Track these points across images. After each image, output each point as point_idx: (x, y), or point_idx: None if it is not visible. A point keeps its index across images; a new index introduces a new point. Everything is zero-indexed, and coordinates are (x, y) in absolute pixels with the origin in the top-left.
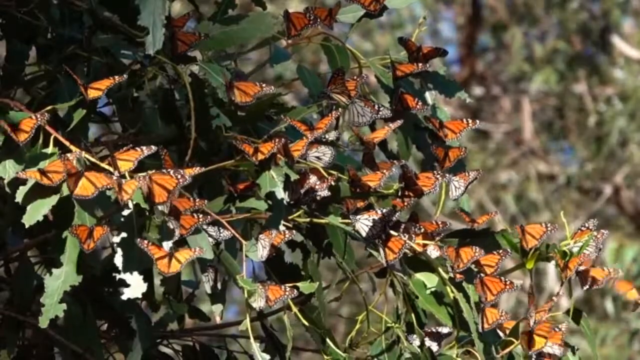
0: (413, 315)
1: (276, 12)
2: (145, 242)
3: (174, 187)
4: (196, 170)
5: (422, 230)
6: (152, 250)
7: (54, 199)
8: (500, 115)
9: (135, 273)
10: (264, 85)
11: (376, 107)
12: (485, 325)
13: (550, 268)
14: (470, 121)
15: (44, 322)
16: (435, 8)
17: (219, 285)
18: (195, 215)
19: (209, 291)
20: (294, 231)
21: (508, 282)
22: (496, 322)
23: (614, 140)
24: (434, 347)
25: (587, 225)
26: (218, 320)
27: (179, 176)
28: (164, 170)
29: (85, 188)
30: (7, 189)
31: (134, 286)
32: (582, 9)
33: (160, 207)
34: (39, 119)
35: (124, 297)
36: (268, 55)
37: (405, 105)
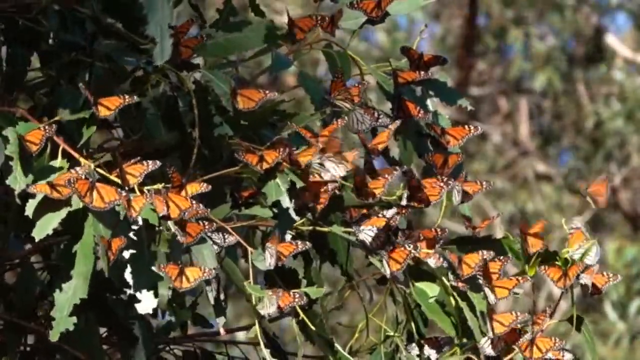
0: (413, 324)
1: (273, 17)
2: (162, 266)
3: (186, 208)
4: (203, 187)
5: (423, 238)
6: (169, 272)
7: (63, 212)
8: (497, 116)
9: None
10: (267, 91)
11: (376, 114)
12: (495, 332)
13: None
14: (472, 127)
15: (54, 336)
16: (436, 18)
17: (221, 296)
18: (200, 222)
19: (212, 302)
20: (307, 243)
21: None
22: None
23: (611, 141)
24: (433, 355)
25: (575, 225)
26: (222, 332)
27: (194, 203)
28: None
29: (98, 200)
30: (17, 200)
31: (145, 301)
32: (579, 6)
33: (170, 222)
34: (48, 131)
35: (137, 312)
36: (265, 61)
37: (407, 113)
